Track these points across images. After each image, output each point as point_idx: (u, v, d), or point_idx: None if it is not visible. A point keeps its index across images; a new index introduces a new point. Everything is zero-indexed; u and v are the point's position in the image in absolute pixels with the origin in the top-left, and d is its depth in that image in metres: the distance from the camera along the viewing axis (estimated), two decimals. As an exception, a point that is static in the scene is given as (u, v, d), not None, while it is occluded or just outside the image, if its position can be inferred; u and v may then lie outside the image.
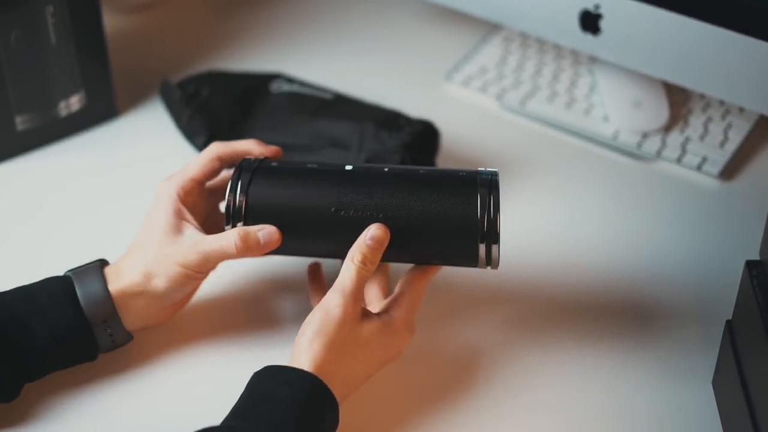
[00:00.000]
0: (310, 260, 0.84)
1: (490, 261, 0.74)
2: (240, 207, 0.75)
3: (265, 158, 0.79)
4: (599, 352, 0.81)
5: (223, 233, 0.75)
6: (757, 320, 0.69)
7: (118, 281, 0.75)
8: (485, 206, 0.73)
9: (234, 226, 0.75)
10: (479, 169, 0.76)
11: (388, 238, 0.73)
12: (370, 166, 0.77)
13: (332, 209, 0.74)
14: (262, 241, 0.74)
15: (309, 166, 0.78)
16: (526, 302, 0.85)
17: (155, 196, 0.78)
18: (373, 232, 0.73)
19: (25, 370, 0.73)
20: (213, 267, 0.76)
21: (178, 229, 0.76)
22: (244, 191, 0.75)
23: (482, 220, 0.73)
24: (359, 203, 0.74)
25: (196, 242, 0.75)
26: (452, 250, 0.74)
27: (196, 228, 0.76)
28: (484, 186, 0.74)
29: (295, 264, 0.86)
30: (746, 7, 0.89)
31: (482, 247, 0.73)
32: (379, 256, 0.73)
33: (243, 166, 0.77)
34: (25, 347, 0.72)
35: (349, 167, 0.77)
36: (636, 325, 0.84)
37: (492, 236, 0.73)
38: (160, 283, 0.75)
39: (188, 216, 0.77)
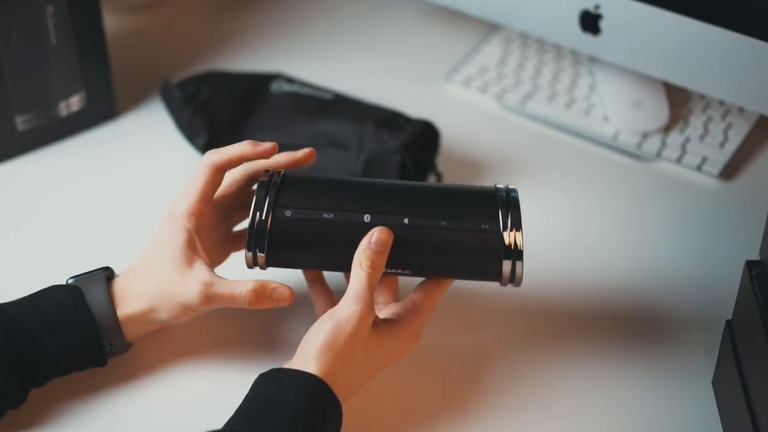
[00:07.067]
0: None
1: (514, 278, 0.74)
2: (263, 234, 0.74)
3: (285, 175, 0.77)
4: (598, 352, 0.81)
5: (238, 281, 0.74)
6: (757, 320, 0.69)
7: (125, 307, 0.75)
8: (508, 223, 0.73)
9: (254, 253, 0.74)
10: (498, 185, 0.76)
11: (392, 240, 0.73)
12: (390, 182, 0.77)
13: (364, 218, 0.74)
14: (274, 299, 0.74)
15: (330, 179, 0.77)
16: (524, 302, 0.85)
17: (165, 217, 0.76)
18: (377, 236, 0.72)
19: (35, 379, 0.73)
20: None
21: (188, 263, 0.74)
22: (268, 216, 0.74)
23: (507, 237, 0.73)
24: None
25: (205, 284, 0.73)
26: (477, 266, 0.74)
27: (205, 263, 0.75)
28: (503, 205, 0.74)
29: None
30: (747, 7, 0.89)
31: (507, 264, 0.73)
32: (385, 259, 0.73)
33: (261, 188, 0.75)
34: (36, 359, 0.72)
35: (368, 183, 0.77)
36: (635, 325, 0.84)
37: (516, 254, 0.73)
38: (162, 316, 0.75)
39: (199, 248, 0.75)
